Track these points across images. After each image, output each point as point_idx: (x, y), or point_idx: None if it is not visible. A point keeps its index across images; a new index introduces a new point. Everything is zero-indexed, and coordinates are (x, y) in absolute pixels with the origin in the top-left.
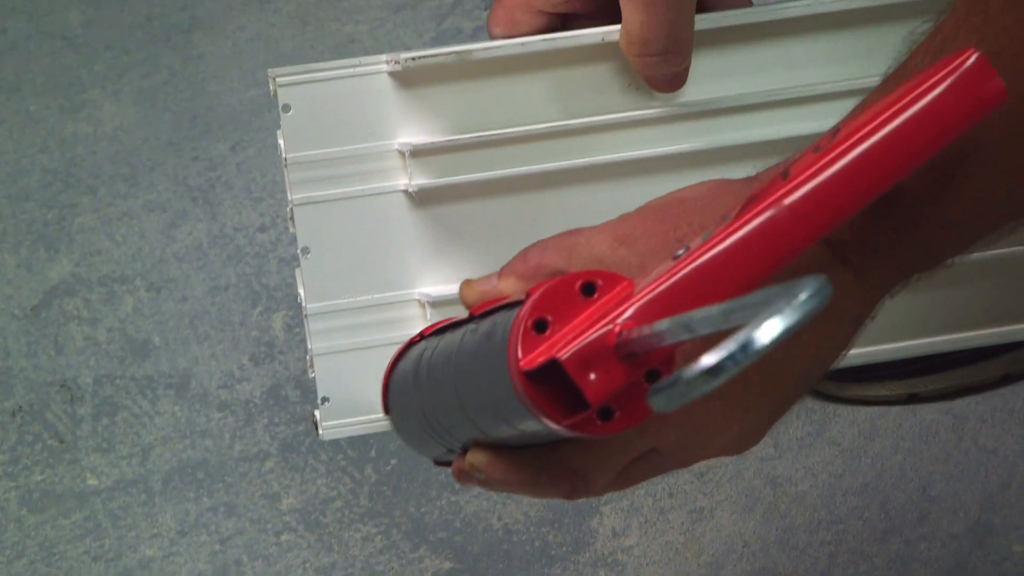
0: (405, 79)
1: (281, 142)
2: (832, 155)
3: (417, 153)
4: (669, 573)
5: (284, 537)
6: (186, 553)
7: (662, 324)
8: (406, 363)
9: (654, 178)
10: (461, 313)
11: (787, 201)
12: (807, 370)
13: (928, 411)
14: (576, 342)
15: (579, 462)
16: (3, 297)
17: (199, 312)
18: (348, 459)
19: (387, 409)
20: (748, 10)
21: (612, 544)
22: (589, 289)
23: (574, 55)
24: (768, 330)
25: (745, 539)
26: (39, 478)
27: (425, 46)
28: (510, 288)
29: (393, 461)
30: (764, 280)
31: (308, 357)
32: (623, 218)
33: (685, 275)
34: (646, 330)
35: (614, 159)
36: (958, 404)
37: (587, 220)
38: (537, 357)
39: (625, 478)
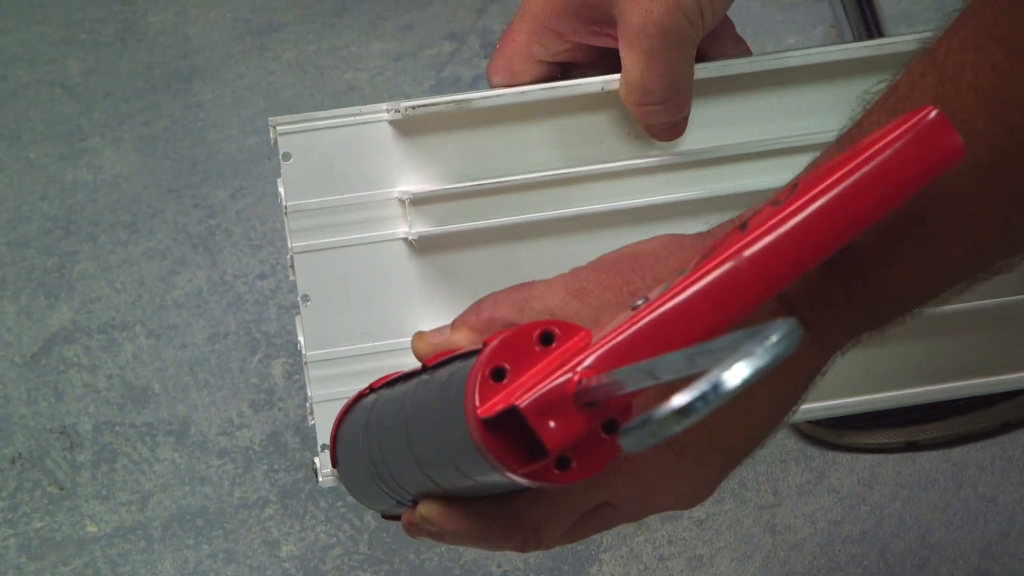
0: (405, 127)
1: (281, 190)
2: (790, 209)
3: (417, 201)
4: None
5: None
6: None
7: (623, 371)
8: (355, 415)
9: (654, 226)
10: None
11: (746, 253)
12: (759, 426)
13: (927, 459)
14: (535, 390)
15: (532, 515)
16: (3, 344)
17: (199, 359)
18: (347, 506)
19: (335, 463)
20: (747, 59)
21: None
22: (547, 339)
23: (574, 104)
24: (738, 371)
25: None
26: (38, 525)
27: (425, 94)
28: (463, 340)
29: None
30: (721, 332)
31: (308, 404)
32: (575, 272)
33: (644, 325)
34: (606, 378)
35: (614, 207)
36: (957, 452)
37: None
38: (495, 405)
39: (577, 531)
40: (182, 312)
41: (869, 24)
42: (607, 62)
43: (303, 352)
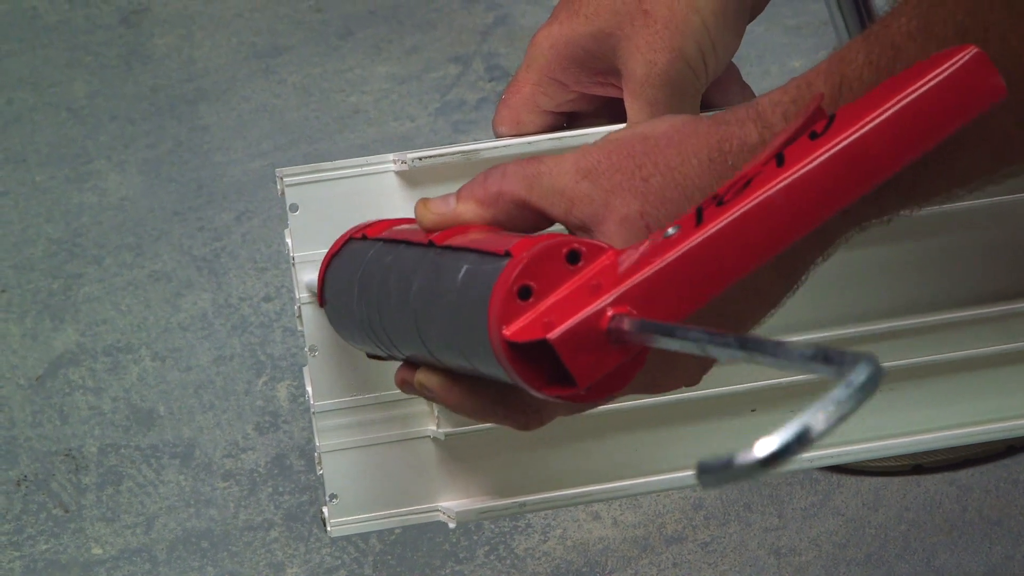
0: (412, 178)
1: (289, 240)
2: (830, 143)
3: None
4: None
5: None
6: None
7: (669, 332)
8: (348, 261)
9: None
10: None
11: (782, 185)
12: (762, 306)
13: (932, 482)
14: (567, 322)
15: (536, 399)
16: (8, 367)
17: (204, 381)
18: None
19: (322, 302)
20: None
21: None
22: (574, 257)
23: None
24: (824, 419)
25: None
26: (44, 547)
27: (430, 116)
28: (469, 213)
29: (397, 531)
30: (753, 269)
31: (316, 455)
32: (585, 150)
33: (676, 259)
34: (644, 329)
35: None
36: (962, 475)
37: None
38: (524, 331)
39: (578, 408)
40: (187, 335)
41: None
42: (612, 111)
43: (311, 402)
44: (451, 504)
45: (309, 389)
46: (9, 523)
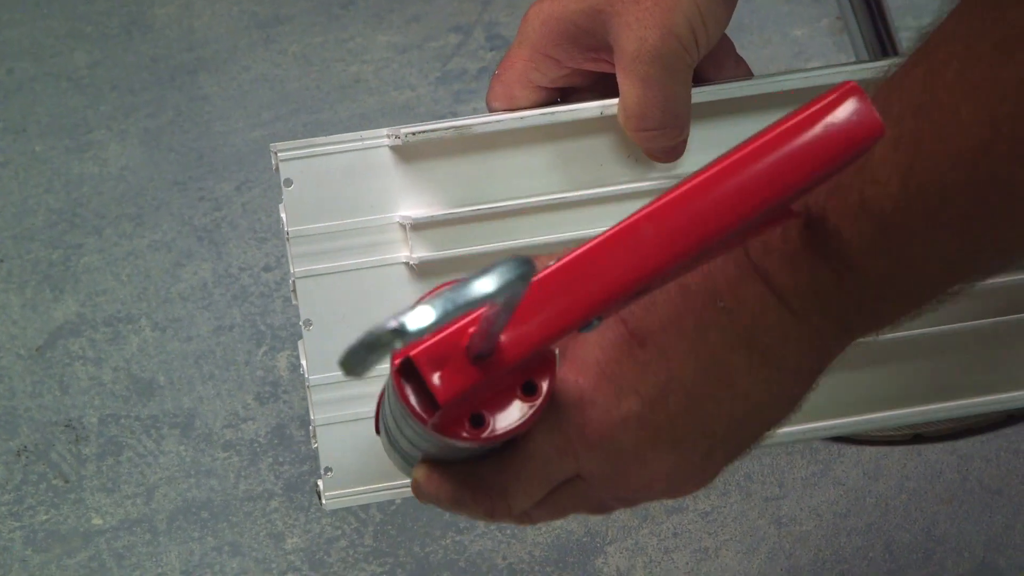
0: (405, 153)
1: (283, 215)
2: (703, 173)
3: (418, 226)
4: None
5: None
6: None
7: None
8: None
9: None
10: None
11: (645, 212)
12: (743, 416)
13: (933, 451)
14: (428, 340)
15: (495, 479)
16: (8, 337)
17: (204, 352)
18: None
19: (378, 429)
20: (745, 83)
21: None
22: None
23: (573, 128)
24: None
25: None
26: (44, 518)
27: (430, 86)
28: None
29: (397, 501)
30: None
31: (311, 428)
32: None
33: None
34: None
35: None
36: (963, 444)
37: None
38: (403, 352)
39: (553, 504)
40: (187, 305)
41: (875, 16)
42: (605, 86)
43: (306, 376)
44: None
45: (304, 363)
46: (9, 493)
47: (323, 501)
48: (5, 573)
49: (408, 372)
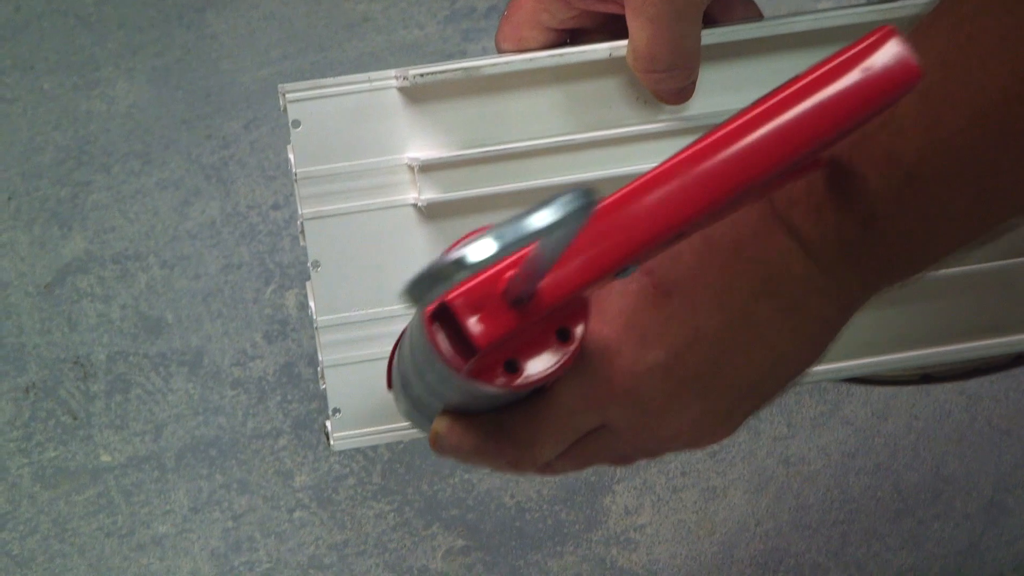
0: (414, 94)
1: (291, 157)
2: (733, 123)
3: (426, 168)
4: (681, 552)
5: (297, 514)
6: (199, 530)
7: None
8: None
9: None
10: None
11: (678, 159)
12: (768, 366)
13: (941, 391)
14: (466, 284)
15: (521, 429)
16: (17, 274)
17: (212, 290)
18: None
19: (390, 384)
20: (755, 24)
21: (625, 522)
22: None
23: (581, 70)
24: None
25: (758, 518)
26: (52, 454)
27: (439, 25)
28: None
29: (405, 440)
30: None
31: (319, 369)
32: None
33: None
34: (524, 268)
35: (623, 172)
36: (971, 384)
37: None
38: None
39: (578, 455)
40: (195, 243)
41: None
42: (615, 27)
43: (314, 317)
44: None
45: (312, 304)
46: (18, 430)
47: (331, 442)
48: (14, 509)
49: (441, 318)
